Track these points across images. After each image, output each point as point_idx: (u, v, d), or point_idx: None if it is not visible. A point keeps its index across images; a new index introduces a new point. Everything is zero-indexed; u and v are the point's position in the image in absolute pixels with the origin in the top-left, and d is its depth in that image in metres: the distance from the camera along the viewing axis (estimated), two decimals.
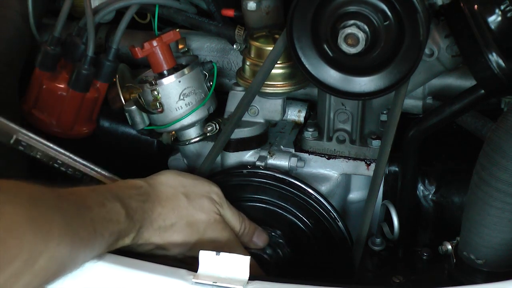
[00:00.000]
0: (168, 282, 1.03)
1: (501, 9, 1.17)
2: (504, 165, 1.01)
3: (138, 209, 1.11)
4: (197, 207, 1.19)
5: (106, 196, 1.07)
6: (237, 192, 1.34)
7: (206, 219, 1.19)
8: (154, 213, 1.14)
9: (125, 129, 1.58)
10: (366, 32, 1.12)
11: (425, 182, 1.42)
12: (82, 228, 0.98)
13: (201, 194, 1.21)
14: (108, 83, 1.45)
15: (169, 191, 1.18)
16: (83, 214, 1.00)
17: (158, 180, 1.20)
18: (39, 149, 1.24)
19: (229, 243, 1.20)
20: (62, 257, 0.94)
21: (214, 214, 1.20)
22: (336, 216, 1.32)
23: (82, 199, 1.03)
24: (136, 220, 1.10)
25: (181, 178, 1.22)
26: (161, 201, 1.16)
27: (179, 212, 1.17)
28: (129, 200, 1.10)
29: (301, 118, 1.50)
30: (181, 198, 1.18)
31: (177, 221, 1.16)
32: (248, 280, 1.03)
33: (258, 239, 1.28)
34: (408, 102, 1.44)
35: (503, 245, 1.06)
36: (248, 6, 1.35)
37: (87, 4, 1.41)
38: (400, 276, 1.26)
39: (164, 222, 1.15)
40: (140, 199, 1.13)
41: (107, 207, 1.05)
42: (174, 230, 1.16)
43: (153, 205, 1.15)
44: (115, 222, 1.05)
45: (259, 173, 1.34)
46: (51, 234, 0.91)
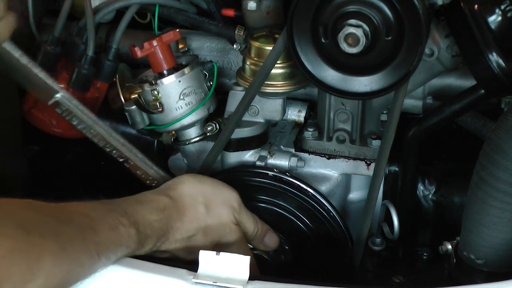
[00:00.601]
0: (168, 282, 1.03)
1: (501, 9, 1.17)
2: (504, 165, 1.01)
3: (154, 233, 1.10)
4: (215, 216, 1.19)
5: (122, 221, 1.05)
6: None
7: (221, 228, 1.19)
8: (172, 229, 1.14)
9: (125, 129, 1.58)
10: (366, 31, 1.12)
11: (425, 182, 1.42)
12: (83, 253, 0.96)
13: (221, 202, 1.20)
14: (108, 83, 1.45)
15: (189, 202, 1.18)
16: (87, 238, 0.97)
17: (180, 192, 1.18)
18: (76, 114, 1.21)
19: (239, 249, 1.20)
20: (55, 283, 0.92)
21: (230, 223, 1.20)
22: (336, 216, 1.32)
23: (91, 221, 1.00)
24: (150, 243, 1.10)
25: (201, 187, 1.21)
26: (181, 216, 1.15)
27: (197, 223, 1.17)
28: (147, 227, 1.09)
29: (301, 118, 1.50)
30: (200, 209, 1.18)
31: (194, 234, 1.17)
32: (248, 280, 1.03)
33: (269, 241, 1.28)
34: (408, 102, 1.44)
35: (503, 245, 1.06)
36: (248, 6, 1.35)
37: (87, 4, 1.41)
38: (400, 276, 1.26)
39: (182, 235, 1.15)
40: (159, 226, 1.11)
41: (120, 231, 1.03)
42: (191, 240, 1.16)
43: (173, 222, 1.14)
44: (124, 247, 1.04)
45: (259, 172, 1.34)
46: (41, 263, 0.89)
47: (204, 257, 1.04)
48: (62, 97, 1.20)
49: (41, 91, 1.20)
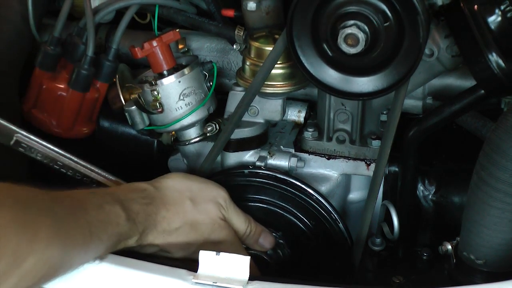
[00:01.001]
0: (168, 282, 1.03)
1: (501, 9, 1.18)
2: (504, 165, 1.01)
3: (140, 211, 1.11)
4: (202, 211, 1.19)
5: (105, 199, 1.06)
6: (238, 193, 1.34)
7: (210, 224, 1.19)
8: (158, 216, 1.14)
9: (125, 129, 1.58)
10: (366, 32, 1.12)
11: (425, 182, 1.42)
12: (75, 230, 0.98)
13: (207, 198, 1.21)
14: (108, 83, 1.45)
15: (175, 195, 1.18)
16: (78, 216, 0.99)
17: (164, 184, 1.19)
18: (39, 150, 1.24)
19: (231, 247, 1.20)
20: (52, 259, 0.93)
21: (218, 219, 1.20)
22: (336, 216, 1.32)
23: (79, 202, 1.02)
24: (139, 222, 1.10)
25: (188, 182, 1.22)
26: (166, 204, 1.16)
27: (184, 216, 1.17)
28: (131, 203, 1.10)
29: (301, 118, 1.50)
30: (186, 202, 1.18)
31: (181, 226, 1.16)
32: (248, 280, 1.03)
33: (264, 241, 1.28)
34: (408, 102, 1.44)
35: (503, 245, 1.06)
36: (248, 6, 1.35)
37: (87, 4, 1.41)
38: (400, 276, 1.26)
39: (169, 225, 1.15)
40: (143, 202, 1.13)
41: (106, 209, 1.05)
42: (179, 233, 1.16)
43: (157, 209, 1.14)
44: (114, 224, 1.05)
45: (260, 173, 1.34)
46: (38, 236, 0.90)
47: (204, 257, 1.05)
48: (21, 136, 1.23)
49: (1, 134, 1.23)
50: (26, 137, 1.23)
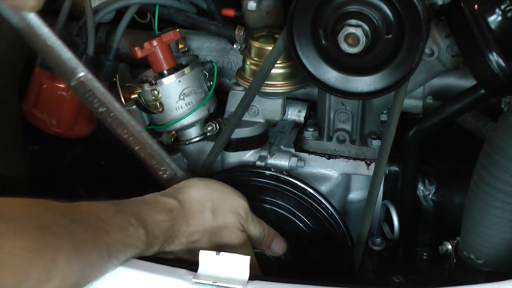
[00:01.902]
0: (168, 282, 1.03)
1: (501, 9, 1.17)
2: (504, 165, 1.01)
3: (161, 236, 1.10)
4: (222, 224, 1.18)
5: (131, 221, 1.05)
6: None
7: (228, 236, 1.19)
8: (179, 232, 1.14)
9: None
10: (366, 31, 1.12)
11: (425, 182, 1.42)
12: (94, 254, 0.97)
13: (228, 209, 1.20)
14: (108, 83, 1.44)
15: (197, 206, 1.17)
16: (99, 239, 0.98)
17: (188, 196, 1.17)
18: (99, 96, 1.17)
19: (241, 250, 1.19)
20: (69, 283, 0.93)
21: (237, 231, 1.20)
22: (336, 216, 1.32)
23: (102, 222, 1.00)
24: (157, 244, 1.10)
25: (209, 192, 1.20)
26: (188, 219, 1.15)
27: (204, 228, 1.17)
28: (155, 228, 1.09)
29: (301, 118, 1.50)
30: (207, 214, 1.17)
31: (200, 239, 1.16)
32: (248, 280, 1.03)
33: (277, 247, 1.27)
34: (408, 102, 1.44)
35: (503, 245, 1.06)
36: (248, 6, 1.35)
37: (87, 4, 1.40)
38: (400, 276, 1.26)
39: (187, 239, 1.15)
40: (166, 226, 1.11)
41: (129, 232, 1.03)
42: (196, 243, 1.16)
43: (179, 227, 1.14)
44: (133, 247, 1.04)
45: (260, 173, 1.34)
46: (57, 263, 0.90)
47: (204, 257, 1.04)
48: (86, 77, 1.16)
49: (65, 70, 1.15)
50: (91, 80, 1.15)
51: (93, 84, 1.16)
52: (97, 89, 1.17)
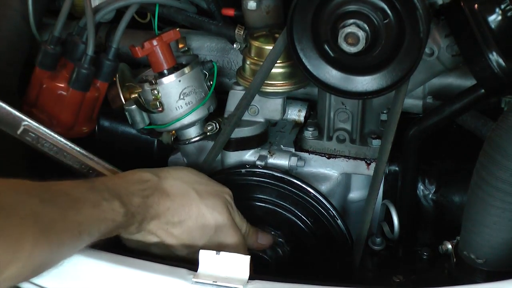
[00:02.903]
0: (168, 281, 1.03)
1: (501, 8, 1.18)
2: (505, 164, 1.01)
3: (141, 204, 1.09)
4: (210, 205, 1.16)
5: (104, 196, 1.04)
6: (236, 192, 1.34)
7: (218, 220, 1.16)
8: (160, 206, 1.11)
9: (125, 128, 1.58)
10: (366, 31, 1.12)
11: (425, 181, 1.42)
12: (64, 234, 0.96)
13: (214, 193, 1.18)
14: (108, 83, 1.44)
15: (180, 186, 1.15)
16: (69, 218, 0.97)
17: (170, 174, 1.17)
18: (47, 140, 1.21)
19: (237, 248, 1.18)
20: (37, 263, 0.93)
21: (227, 215, 1.17)
22: (336, 216, 1.32)
23: (74, 201, 1.00)
24: (138, 213, 1.08)
25: (195, 176, 1.19)
26: (170, 195, 1.13)
27: (189, 209, 1.14)
28: (131, 197, 1.08)
29: (301, 118, 1.50)
30: (192, 194, 1.15)
31: (186, 219, 1.13)
32: (248, 280, 1.03)
33: (263, 240, 1.27)
34: (408, 102, 1.44)
35: (503, 245, 1.06)
36: (248, 5, 1.35)
37: (87, 4, 1.40)
38: (400, 276, 1.26)
39: (173, 217, 1.12)
40: (144, 194, 1.10)
41: (103, 206, 1.03)
42: (184, 229, 1.13)
43: (160, 199, 1.12)
44: (109, 221, 1.04)
45: (258, 172, 1.34)
46: (21, 245, 0.89)
47: (204, 256, 1.04)
48: (29, 124, 1.21)
49: (7, 123, 1.20)
50: (35, 126, 1.20)
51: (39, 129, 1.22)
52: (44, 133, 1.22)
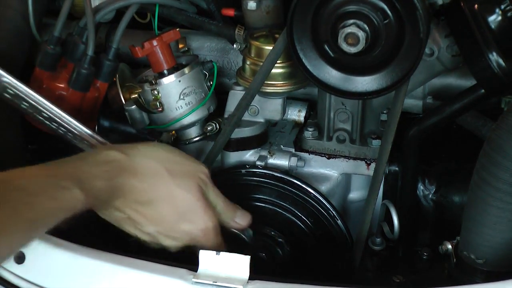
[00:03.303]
0: (168, 281, 1.03)
1: (501, 8, 1.18)
2: (505, 164, 1.01)
3: (104, 187, 1.03)
4: (181, 185, 1.10)
5: (64, 184, 0.99)
6: (236, 192, 1.34)
7: (188, 200, 1.10)
8: (126, 186, 1.06)
9: (125, 128, 1.58)
10: (366, 31, 1.12)
11: (425, 181, 1.42)
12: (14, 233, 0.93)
13: (187, 172, 1.12)
14: (108, 83, 1.44)
15: (151, 165, 1.09)
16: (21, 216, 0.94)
17: (141, 152, 1.11)
18: (25, 98, 1.17)
19: (207, 230, 1.13)
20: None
21: (198, 195, 1.11)
22: (336, 216, 1.32)
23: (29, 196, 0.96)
24: (101, 196, 1.03)
25: (168, 154, 1.13)
26: (138, 174, 1.07)
27: (158, 188, 1.09)
28: (93, 181, 1.02)
29: (301, 118, 1.50)
30: (163, 174, 1.09)
31: (155, 198, 1.08)
32: (248, 280, 1.03)
33: (241, 219, 1.19)
34: (408, 102, 1.44)
35: (503, 245, 1.06)
36: (248, 5, 1.35)
37: (87, 4, 1.41)
38: (400, 276, 1.26)
39: (141, 196, 1.07)
40: (109, 176, 1.04)
41: (61, 196, 0.98)
42: (152, 208, 1.08)
43: (127, 179, 1.06)
44: (69, 209, 0.99)
45: (258, 172, 1.34)
46: None
47: (204, 256, 1.05)
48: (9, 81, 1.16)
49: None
50: (14, 83, 1.16)
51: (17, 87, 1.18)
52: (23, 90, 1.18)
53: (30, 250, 1.08)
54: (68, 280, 1.07)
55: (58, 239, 1.11)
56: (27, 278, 1.09)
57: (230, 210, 1.18)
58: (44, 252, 1.09)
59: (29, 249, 1.08)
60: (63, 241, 1.11)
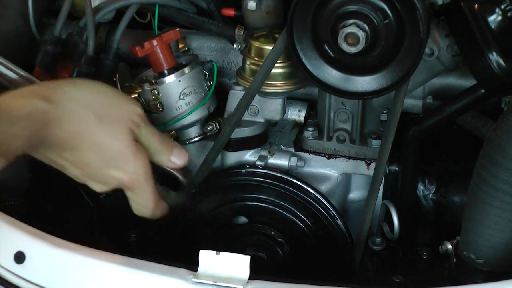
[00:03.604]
0: (168, 281, 1.03)
1: (501, 8, 1.18)
2: (505, 164, 1.01)
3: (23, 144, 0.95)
4: (109, 132, 1.02)
5: None
6: (235, 192, 1.34)
7: (116, 146, 1.03)
8: (48, 137, 0.98)
9: None
10: (366, 31, 1.12)
11: (425, 181, 1.42)
12: None
13: (117, 116, 1.04)
14: (108, 83, 1.44)
15: (77, 110, 1.00)
16: None
17: (67, 95, 1.01)
18: None
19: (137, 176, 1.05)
20: None
21: (128, 141, 1.03)
22: (336, 216, 1.32)
23: None
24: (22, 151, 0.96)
25: (96, 97, 1.04)
26: (61, 123, 0.98)
27: (83, 136, 1.01)
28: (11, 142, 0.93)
29: (301, 118, 1.50)
30: (90, 120, 1.01)
31: (79, 145, 1.01)
32: (248, 280, 1.03)
33: (177, 158, 1.10)
34: (408, 102, 1.44)
35: (503, 245, 1.06)
36: (248, 5, 1.35)
37: (87, 4, 1.41)
38: (400, 276, 1.26)
39: (64, 145, 1.00)
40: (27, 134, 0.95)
41: None
42: (75, 153, 1.01)
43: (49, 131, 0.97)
44: None
45: (258, 172, 1.34)
46: None
47: (204, 256, 1.04)
48: None
49: None
50: None
51: None
52: None
53: (30, 250, 1.09)
54: (68, 280, 1.07)
55: (58, 239, 1.11)
56: (27, 278, 1.09)
57: (165, 149, 1.09)
58: (44, 252, 1.09)
59: (29, 249, 1.08)
60: (63, 241, 1.11)
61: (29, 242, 1.10)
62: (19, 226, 1.13)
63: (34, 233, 1.12)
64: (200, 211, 1.38)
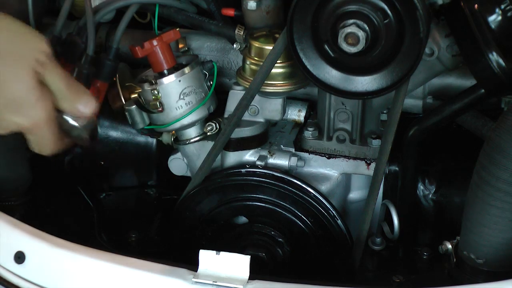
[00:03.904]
0: (168, 281, 1.03)
1: (501, 8, 1.18)
2: (505, 164, 1.01)
3: None
4: (9, 72, 0.95)
5: None
6: (235, 192, 1.34)
7: (16, 89, 0.96)
8: None
9: (125, 128, 1.58)
10: (366, 31, 1.12)
11: (425, 181, 1.42)
12: None
13: (20, 54, 0.96)
14: (108, 83, 1.44)
15: None
16: None
17: None
18: None
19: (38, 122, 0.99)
20: None
21: (30, 83, 0.96)
22: (336, 216, 1.32)
23: None
24: None
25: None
26: None
27: None
28: None
29: (301, 118, 1.50)
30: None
31: None
32: (248, 280, 1.03)
33: (85, 106, 1.03)
34: (408, 102, 1.44)
35: (503, 245, 1.06)
36: (248, 5, 1.35)
37: (87, 3, 1.40)
38: (400, 276, 1.26)
39: None
40: None
41: None
42: None
43: None
44: None
45: (258, 172, 1.34)
46: None
47: (204, 256, 1.05)
48: None
49: None
50: None
51: None
52: None
53: (30, 250, 1.09)
54: (68, 280, 1.07)
55: (58, 239, 1.11)
56: (27, 278, 1.09)
57: (73, 95, 1.02)
58: (44, 252, 1.09)
59: (29, 249, 1.08)
60: (63, 241, 1.11)
61: (29, 242, 1.11)
62: (19, 226, 1.13)
63: (34, 233, 1.12)
64: (200, 211, 1.38)
